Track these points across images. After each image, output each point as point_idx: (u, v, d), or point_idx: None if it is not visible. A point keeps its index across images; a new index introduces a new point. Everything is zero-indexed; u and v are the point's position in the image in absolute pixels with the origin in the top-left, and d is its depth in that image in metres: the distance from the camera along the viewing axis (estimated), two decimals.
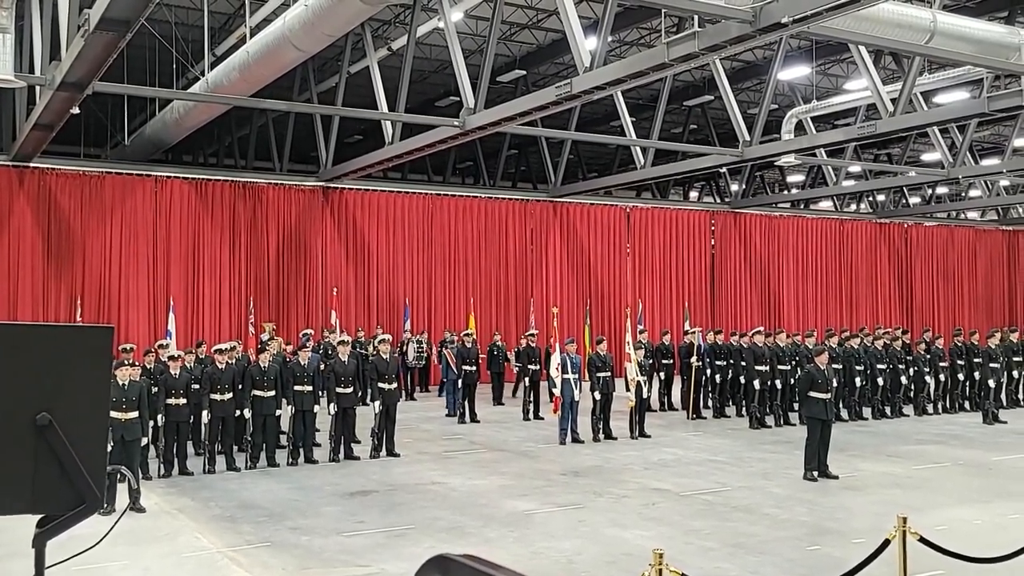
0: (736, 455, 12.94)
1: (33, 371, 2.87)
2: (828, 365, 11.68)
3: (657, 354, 17.67)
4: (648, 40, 19.93)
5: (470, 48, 18.93)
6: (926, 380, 17.24)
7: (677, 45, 11.06)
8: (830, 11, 9.65)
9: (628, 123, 18.94)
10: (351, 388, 12.68)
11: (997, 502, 9.84)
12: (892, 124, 15.94)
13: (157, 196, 19.94)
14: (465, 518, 9.22)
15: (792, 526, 8.89)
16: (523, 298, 23.42)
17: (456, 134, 15.72)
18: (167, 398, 11.33)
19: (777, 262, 27.68)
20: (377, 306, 22.04)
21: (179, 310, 18.69)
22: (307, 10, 11.72)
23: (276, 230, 21.09)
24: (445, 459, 12.76)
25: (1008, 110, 15.26)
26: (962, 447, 13.69)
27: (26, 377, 2.86)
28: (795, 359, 16.10)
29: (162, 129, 19.36)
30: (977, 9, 17.04)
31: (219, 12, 17.37)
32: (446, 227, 22.99)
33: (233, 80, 14.52)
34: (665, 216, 26.14)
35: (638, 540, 8.26)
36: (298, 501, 10.07)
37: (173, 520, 9.29)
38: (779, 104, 23.04)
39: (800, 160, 20.54)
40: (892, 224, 30.10)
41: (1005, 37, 14.47)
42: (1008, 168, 22.22)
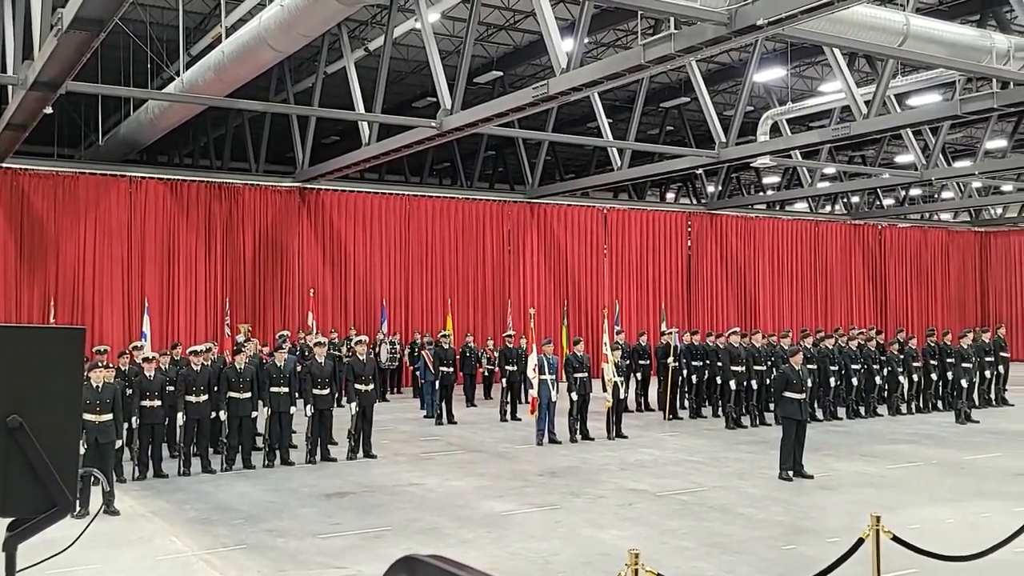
0: (712, 455, 13.01)
1: (4, 373, 2.84)
2: (803, 365, 11.77)
3: (634, 355, 17.73)
4: (625, 42, 20.01)
5: (447, 49, 18.91)
6: (899, 380, 17.40)
7: (653, 47, 11.12)
8: (805, 14, 9.73)
9: (605, 124, 19.01)
10: (327, 389, 12.63)
11: (969, 501, 9.96)
12: (866, 126, 16.10)
13: (132, 197, 19.77)
14: (442, 519, 9.22)
15: (767, 525, 8.95)
16: (500, 299, 23.43)
17: (433, 135, 15.71)
18: (142, 400, 11.23)
19: (753, 263, 27.86)
20: (354, 307, 21.97)
21: (154, 311, 18.54)
22: (283, 10, 11.67)
23: (252, 231, 20.97)
24: (422, 460, 12.74)
25: (980, 112, 15.44)
26: (935, 446, 13.84)
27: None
28: (771, 360, 16.21)
29: (137, 129, 19.20)
30: (949, 12, 17.25)
31: (194, 12, 17.25)
32: (423, 228, 22.95)
33: (208, 80, 14.43)
34: (642, 217, 26.24)
35: (615, 540, 8.28)
36: (274, 503, 10.01)
37: (147, 523, 9.22)
38: (755, 106, 23.19)
39: (775, 161, 20.69)
40: (866, 225, 30.40)
41: (976, 40, 14.66)
42: (980, 170, 22.50)
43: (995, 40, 14.78)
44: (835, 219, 30.27)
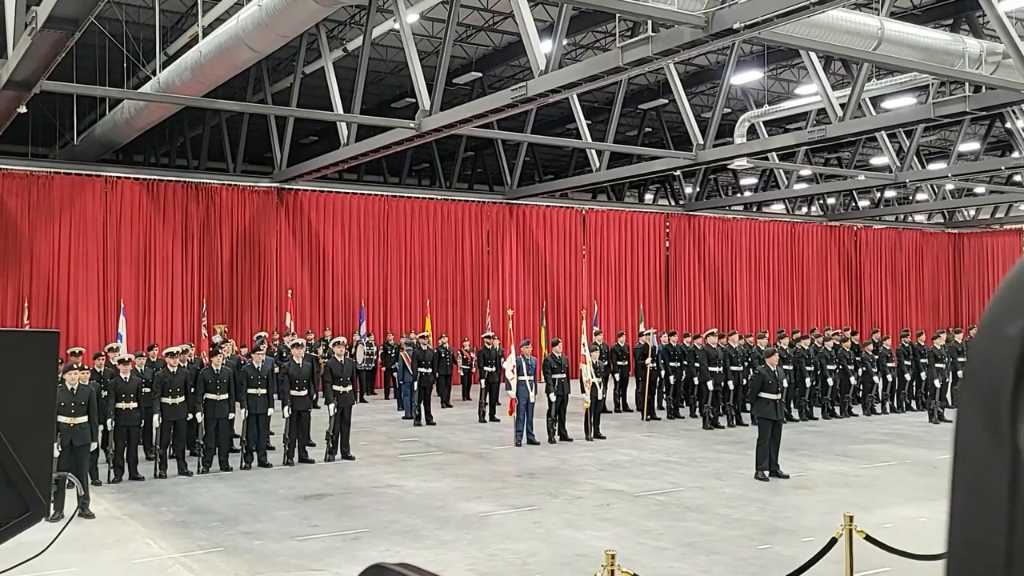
0: (689, 455, 13.09)
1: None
2: (779, 366, 11.87)
3: (612, 355, 17.80)
4: (603, 44, 20.08)
5: (426, 50, 18.90)
6: (874, 380, 17.58)
7: (631, 49, 11.18)
8: (781, 17, 9.82)
9: (584, 126, 19.06)
10: (305, 391, 12.59)
11: (942, 500, 9.91)
12: (842, 128, 16.25)
13: (107, 197, 19.61)
14: (420, 521, 9.22)
15: (744, 525, 9.02)
16: (479, 300, 23.44)
17: (412, 136, 15.69)
18: (117, 402, 11.14)
19: (730, 264, 28.03)
20: (332, 308, 21.91)
21: (130, 313, 18.39)
22: (261, 10, 11.63)
23: (230, 231, 20.86)
24: (400, 461, 12.73)
25: (953, 116, 15.64)
26: (909, 446, 13.99)
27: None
28: (747, 360, 16.32)
29: (112, 129, 19.04)
30: (923, 17, 17.44)
31: (171, 11, 17.14)
32: (402, 229, 22.92)
33: (185, 80, 14.35)
34: (620, 218, 26.33)
35: (592, 541, 8.32)
36: (251, 505, 9.97)
37: (123, 526, 9.16)
38: (732, 108, 23.34)
39: (753, 163, 20.83)
40: (842, 227, 30.67)
41: (950, 45, 14.84)
42: (953, 172, 22.76)
43: (968, 44, 14.98)
44: (811, 220, 30.51)
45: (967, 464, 0.53)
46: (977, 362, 0.53)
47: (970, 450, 0.53)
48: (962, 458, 0.54)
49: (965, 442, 0.53)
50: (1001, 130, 25.13)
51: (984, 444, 0.52)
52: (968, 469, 0.53)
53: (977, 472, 0.52)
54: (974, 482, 0.52)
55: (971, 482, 0.53)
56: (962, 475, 0.53)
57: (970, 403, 0.53)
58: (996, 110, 16.66)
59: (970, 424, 0.53)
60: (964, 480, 0.53)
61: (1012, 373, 0.51)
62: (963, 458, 0.54)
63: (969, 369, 0.54)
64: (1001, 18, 12.77)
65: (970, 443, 0.53)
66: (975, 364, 0.53)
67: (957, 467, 0.54)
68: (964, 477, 0.53)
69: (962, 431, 0.53)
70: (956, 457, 0.54)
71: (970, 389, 0.53)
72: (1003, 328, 0.51)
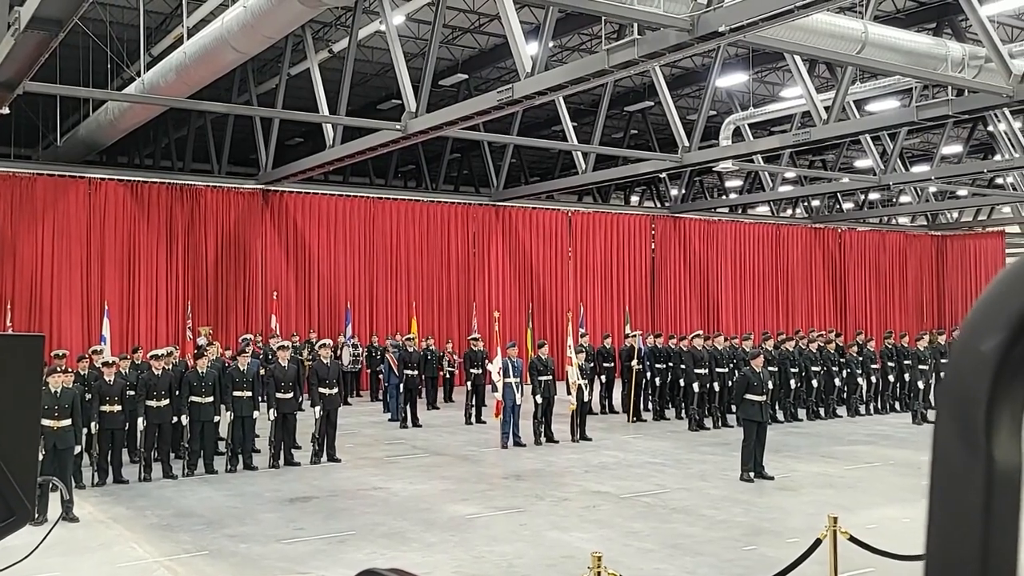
0: (675, 457, 13.13)
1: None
2: (764, 368, 11.92)
3: (598, 357, 17.82)
4: (589, 46, 20.12)
5: (412, 51, 18.89)
6: (858, 382, 17.68)
7: (617, 52, 11.22)
8: (765, 21, 9.88)
9: (570, 128, 19.10)
10: (291, 393, 12.55)
11: (925, 501, 10.13)
12: (826, 131, 16.35)
13: (91, 198, 19.50)
14: (406, 523, 9.21)
15: (729, 527, 9.06)
16: (465, 302, 23.43)
17: (398, 138, 15.68)
18: (101, 405, 11.08)
19: (716, 266, 28.13)
20: (318, 310, 21.85)
21: (114, 315, 18.27)
22: (246, 11, 11.60)
23: (215, 233, 20.77)
24: (386, 464, 12.71)
25: (936, 119, 15.75)
26: (892, 447, 14.08)
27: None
28: (732, 362, 16.38)
29: (96, 130, 18.94)
30: (906, 21, 17.57)
31: (155, 12, 17.07)
32: (388, 231, 22.88)
33: (170, 81, 14.29)
34: (606, 220, 26.39)
35: (579, 543, 8.33)
36: (236, 508, 9.93)
37: (107, 529, 9.10)
38: (717, 111, 23.43)
39: (738, 166, 20.92)
40: (826, 229, 30.84)
41: (933, 49, 14.97)
42: (936, 175, 22.91)
43: (950, 49, 15.10)
44: (796, 223, 30.67)
45: (944, 475, 0.55)
46: (954, 376, 0.54)
47: (947, 461, 0.54)
48: (939, 469, 0.55)
49: (942, 453, 0.55)
50: (983, 133, 25.35)
51: (960, 455, 0.53)
52: (945, 480, 0.54)
53: (953, 483, 0.54)
54: (951, 492, 0.54)
55: (948, 492, 0.54)
56: (939, 485, 0.55)
57: (947, 416, 0.55)
58: (978, 113, 16.80)
59: (947, 436, 0.54)
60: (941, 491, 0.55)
61: (987, 387, 0.52)
62: (940, 469, 0.55)
63: (946, 383, 0.56)
64: (983, 22, 12.88)
65: (947, 454, 0.54)
66: (952, 378, 0.54)
67: (935, 478, 0.55)
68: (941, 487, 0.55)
69: (939, 443, 0.55)
70: (934, 468, 0.56)
71: (947, 402, 0.55)
72: (978, 344, 0.53)
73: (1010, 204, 28.59)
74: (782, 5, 9.48)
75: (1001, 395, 0.53)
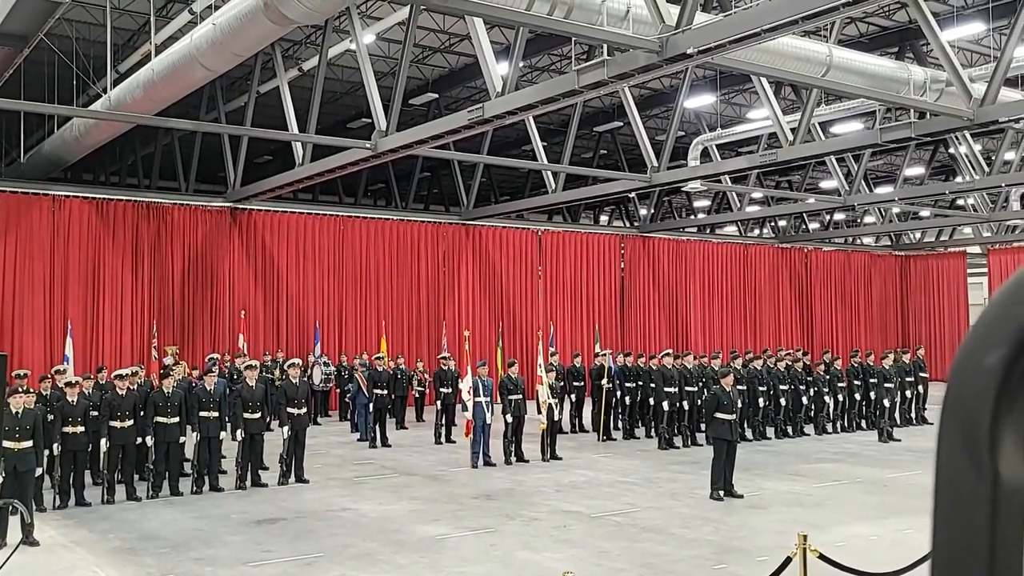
0: (645, 476, 13.14)
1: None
2: (733, 386, 11.99)
3: (568, 376, 17.83)
4: (559, 67, 20.27)
5: (382, 70, 18.90)
6: (825, 400, 17.82)
7: (587, 72, 11.30)
8: (733, 43, 10.01)
9: (539, 148, 19.18)
10: (259, 413, 12.41)
11: (893, 518, 10.23)
12: (792, 152, 16.56)
13: (55, 216, 19.22)
14: (376, 544, 9.11)
15: (699, 545, 9.06)
16: (435, 321, 23.36)
17: (368, 156, 15.65)
18: (64, 426, 10.87)
19: (684, 285, 28.31)
20: (286, 329, 21.66)
21: (77, 334, 18.00)
22: (215, 29, 11.54)
23: (181, 252, 20.55)
24: (355, 484, 12.59)
25: (899, 141, 16.03)
26: (859, 465, 14.20)
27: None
28: (702, 381, 16.45)
29: (61, 147, 18.70)
30: (869, 45, 17.90)
31: (122, 29, 16.94)
32: (357, 249, 22.78)
33: (137, 98, 14.17)
34: (576, 240, 26.48)
35: (549, 563, 8.29)
36: (202, 531, 9.78)
37: (69, 553, 8.91)
38: (686, 131, 23.68)
39: (706, 186, 21.13)
40: (793, 249, 31.18)
41: (895, 72, 15.26)
42: (900, 196, 23.32)
43: (912, 72, 15.42)
44: (763, 242, 30.98)
45: (948, 491, 0.54)
46: (956, 392, 0.54)
47: (951, 478, 0.54)
48: (943, 485, 0.55)
49: (946, 470, 0.54)
50: (945, 155, 25.84)
51: (965, 472, 0.53)
52: (949, 496, 0.54)
53: (958, 499, 0.53)
54: (956, 508, 0.53)
55: (952, 509, 0.54)
56: (943, 502, 0.55)
57: (950, 432, 0.54)
58: (940, 136, 17.12)
59: (951, 452, 0.54)
60: (946, 507, 0.54)
61: (991, 402, 0.52)
62: (944, 485, 0.55)
63: (949, 399, 0.55)
64: (944, 47, 13.16)
65: (951, 471, 0.54)
66: (955, 394, 0.54)
67: (938, 494, 0.55)
68: (945, 504, 0.54)
69: (943, 459, 0.55)
70: (938, 485, 0.55)
71: (950, 418, 0.55)
72: (982, 360, 0.53)
73: (971, 225, 29.12)
74: (749, 28, 9.62)
75: (1005, 410, 0.53)
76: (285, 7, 9.99)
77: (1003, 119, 13.94)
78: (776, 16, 9.37)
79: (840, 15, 9.98)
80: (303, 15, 10.26)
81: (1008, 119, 14.06)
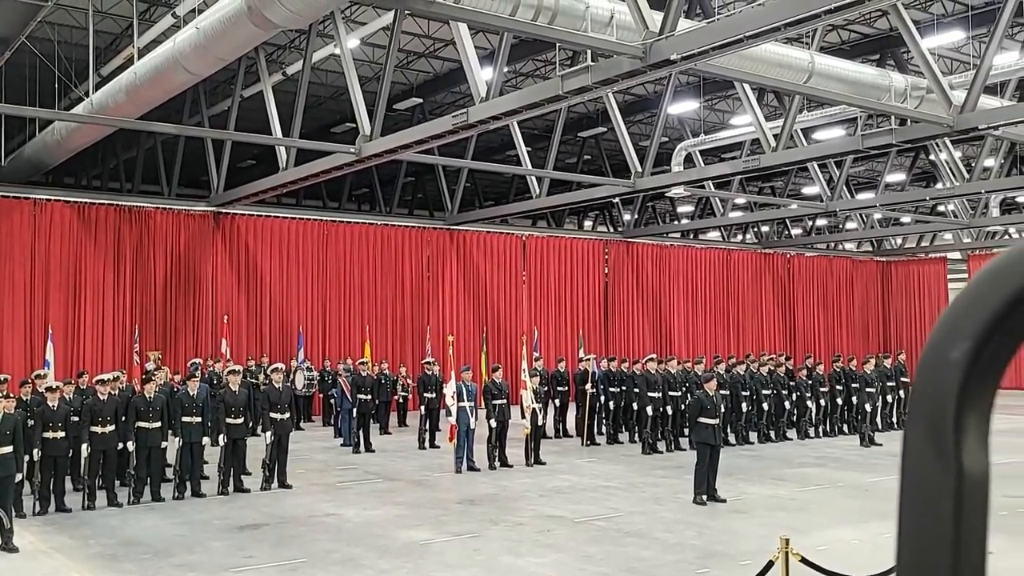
0: (629, 481, 13.16)
1: None
2: (716, 391, 12.03)
3: (552, 381, 17.84)
4: (543, 72, 20.32)
5: (366, 75, 18.89)
6: (808, 405, 17.91)
7: (571, 78, 11.34)
8: (716, 50, 10.08)
9: (524, 153, 19.22)
10: (242, 419, 12.35)
11: (874, 522, 10.29)
12: (775, 159, 16.67)
13: (36, 220, 19.08)
14: (359, 550, 9.08)
15: (682, 549, 9.09)
16: (419, 326, 23.33)
17: (352, 161, 15.63)
18: (44, 431, 10.78)
19: (668, 290, 28.41)
20: (270, 334, 21.57)
21: (58, 339, 17.84)
22: (199, 33, 11.51)
23: (164, 256, 20.44)
24: (339, 490, 12.55)
25: (880, 148, 16.16)
26: (841, 469, 14.28)
27: None
28: (685, 385, 16.50)
29: (42, 150, 18.57)
30: (851, 52, 18.06)
31: (105, 32, 16.85)
32: (341, 254, 22.74)
33: (120, 101, 14.09)
34: (560, 245, 26.53)
35: (533, 568, 8.30)
36: (184, 536, 9.72)
37: (49, 559, 8.84)
38: (669, 137, 23.78)
39: (689, 191, 21.23)
40: (775, 254, 31.36)
41: (876, 79, 15.39)
42: (881, 202, 23.48)
43: (893, 79, 15.55)
44: (746, 248, 31.14)
45: (914, 481, 0.56)
46: (922, 384, 0.56)
47: (917, 468, 0.56)
48: (910, 475, 0.57)
49: (912, 460, 0.56)
50: (925, 162, 26.06)
51: (930, 462, 0.55)
52: (915, 486, 0.56)
53: (924, 489, 0.55)
54: (921, 499, 0.55)
55: (919, 499, 0.56)
56: (910, 491, 0.56)
57: (917, 423, 0.56)
58: (921, 143, 17.28)
59: (917, 443, 0.56)
60: (912, 497, 0.56)
61: (955, 394, 0.54)
62: (911, 475, 0.56)
63: (915, 391, 0.57)
64: (924, 55, 13.29)
65: (917, 461, 0.56)
66: (921, 386, 0.56)
67: (905, 484, 0.57)
68: (912, 493, 0.56)
69: (909, 450, 0.57)
70: (904, 474, 0.57)
71: (917, 410, 0.57)
72: (947, 352, 0.55)
73: (951, 231, 29.38)
74: (732, 35, 9.69)
75: (969, 402, 0.55)
76: (269, 11, 9.98)
77: (982, 126, 14.08)
78: (759, 23, 9.44)
79: (822, 22, 10.07)
80: (287, 19, 10.25)
81: (987, 126, 14.19)
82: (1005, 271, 0.53)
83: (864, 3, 8.97)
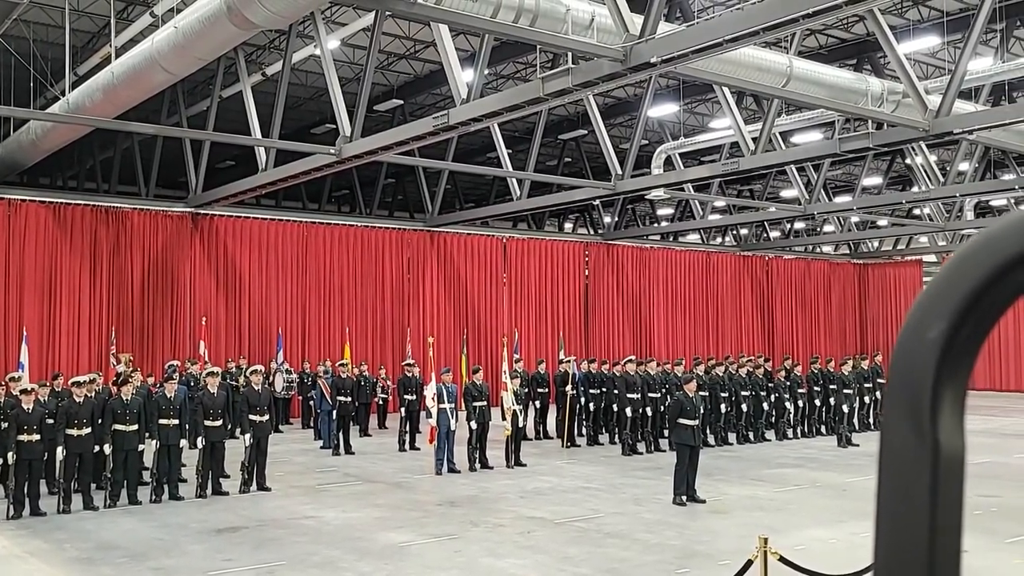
0: (609, 482, 13.19)
1: None
2: (696, 393, 12.08)
3: (532, 383, 17.85)
4: (524, 74, 20.35)
5: (347, 76, 18.85)
6: (786, 406, 18.03)
7: (552, 80, 11.36)
8: (696, 53, 10.14)
9: (504, 155, 19.23)
10: (220, 421, 12.27)
11: (851, 522, 10.37)
12: (753, 162, 16.78)
13: (11, 220, 18.87)
14: (339, 552, 9.05)
15: (662, 550, 9.12)
16: (400, 328, 23.27)
17: (332, 162, 15.59)
18: (18, 434, 10.66)
19: (648, 292, 28.51)
20: (248, 336, 21.44)
21: (33, 341, 17.65)
22: (177, 32, 11.43)
23: (141, 257, 20.27)
24: (318, 492, 12.50)
25: (857, 151, 16.29)
26: (819, 470, 14.38)
27: None
28: (665, 387, 16.56)
29: (17, 150, 18.37)
30: (829, 57, 18.20)
31: (82, 30, 16.71)
32: (321, 256, 22.64)
33: (97, 101, 13.97)
34: (540, 247, 26.56)
35: (513, 569, 8.30)
36: (162, 540, 9.64)
37: (23, 564, 8.74)
38: (649, 140, 23.88)
39: (669, 194, 21.31)
40: (754, 256, 31.55)
41: (854, 83, 15.53)
42: (858, 205, 23.70)
43: (870, 84, 15.70)
44: (725, 250, 31.31)
45: (892, 459, 0.58)
46: (900, 363, 0.58)
47: (895, 446, 0.57)
48: (887, 453, 0.58)
49: (890, 439, 0.58)
50: (901, 166, 26.32)
51: (908, 440, 0.57)
52: (893, 464, 0.57)
53: (901, 467, 0.57)
54: (899, 477, 0.57)
55: (896, 476, 0.57)
56: (887, 470, 0.58)
57: (895, 402, 0.58)
58: (897, 146, 17.45)
59: (895, 422, 0.57)
60: (889, 475, 0.58)
61: (932, 372, 0.56)
62: (888, 453, 0.58)
63: (893, 371, 0.59)
64: (901, 60, 13.42)
65: (895, 440, 0.58)
66: (899, 365, 0.58)
67: (883, 462, 0.58)
68: (889, 472, 0.58)
69: (887, 429, 0.58)
70: (882, 453, 0.59)
71: (895, 389, 0.58)
72: (924, 332, 0.57)
73: (927, 234, 29.67)
74: (711, 38, 9.74)
75: (945, 381, 0.57)
76: (249, 11, 9.93)
77: (957, 130, 14.24)
78: (737, 27, 9.50)
79: (800, 27, 10.15)
80: (267, 19, 10.20)
81: (962, 131, 14.36)
82: (978, 253, 0.55)
83: (842, 8, 9.05)
